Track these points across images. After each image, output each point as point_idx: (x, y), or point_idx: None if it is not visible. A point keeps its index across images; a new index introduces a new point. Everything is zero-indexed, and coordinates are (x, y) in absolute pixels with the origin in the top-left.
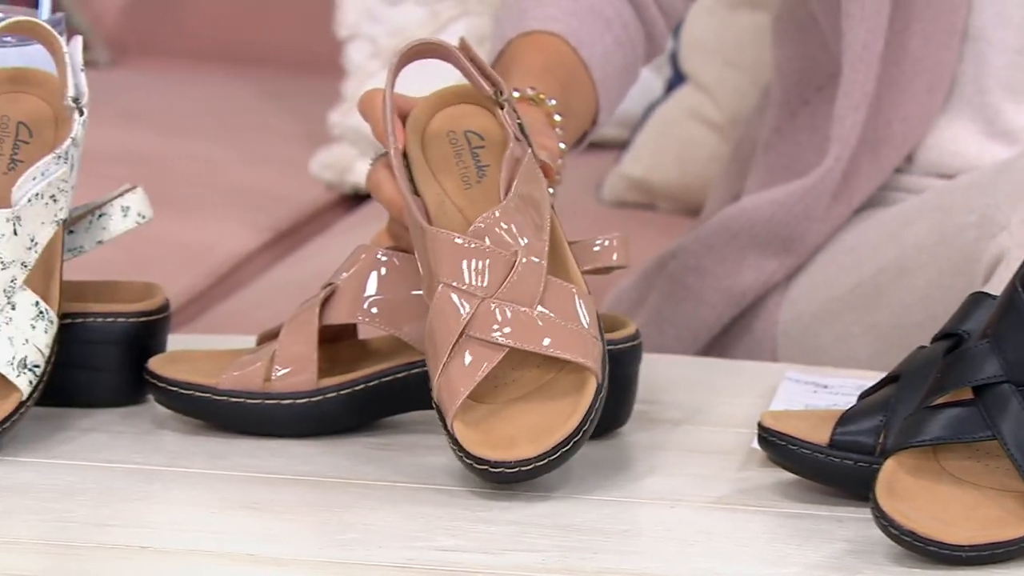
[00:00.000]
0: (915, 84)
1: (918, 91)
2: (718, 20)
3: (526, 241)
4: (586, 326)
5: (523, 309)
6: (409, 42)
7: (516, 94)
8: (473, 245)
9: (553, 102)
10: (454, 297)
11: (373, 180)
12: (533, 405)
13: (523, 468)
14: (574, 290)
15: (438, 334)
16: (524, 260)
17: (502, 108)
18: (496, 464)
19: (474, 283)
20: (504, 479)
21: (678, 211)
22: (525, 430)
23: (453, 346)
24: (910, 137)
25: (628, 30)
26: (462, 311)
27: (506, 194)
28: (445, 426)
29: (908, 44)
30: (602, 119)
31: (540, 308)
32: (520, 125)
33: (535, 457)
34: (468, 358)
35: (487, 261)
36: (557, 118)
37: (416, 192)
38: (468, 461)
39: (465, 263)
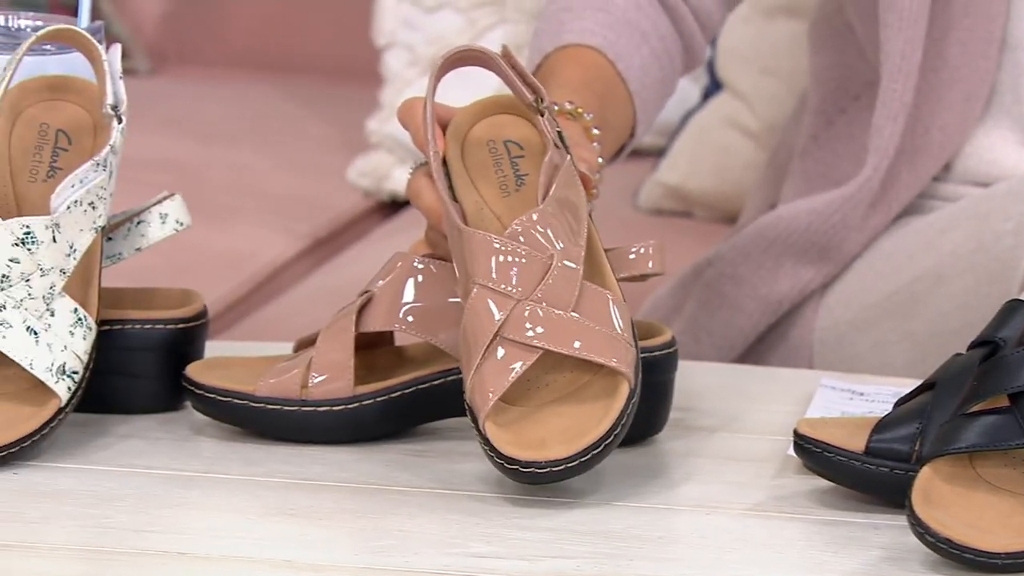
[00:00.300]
0: (953, 93)
1: (956, 100)
2: (754, 28)
3: (562, 246)
4: (620, 331)
5: (557, 312)
6: (451, 49)
7: (555, 108)
8: (509, 247)
9: (590, 116)
10: (489, 298)
11: (413, 188)
12: (565, 408)
13: (554, 469)
14: (609, 296)
15: (472, 334)
16: (560, 264)
17: (542, 115)
18: (527, 464)
19: (509, 284)
20: (535, 479)
21: (714, 219)
22: (557, 432)
23: (487, 347)
24: (948, 146)
25: (665, 42)
26: (496, 312)
27: (544, 199)
28: (477, 426)
29: (946, 53)
30: (639, 132)
31: (574, 312)
32: (560, 133)
33: (565, 458)
34: (501, 359)
35: (523, 263)
36: (595, 132)
37: (455, 199)
38: (499, 461)
39: (501, 264)
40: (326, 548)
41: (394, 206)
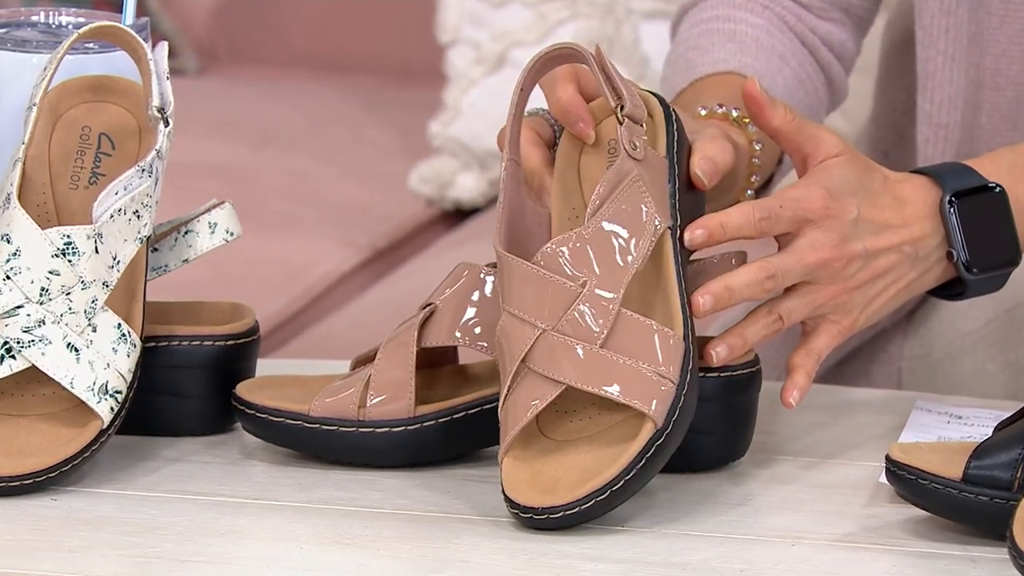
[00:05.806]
0: (1020, 111)
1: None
2: None
3: (600, 271)
4: (659, 365)
5: (582, 345)
6: (545, 48)
7: (720, 110)
8: (537, 273)
9: (754, 129)
10: (516, 326)
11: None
12: (587, 446)
13: (551, 516)
14: (654, 326)
15: (502, 362)
16: (590, 292)
17: (621, 123)
18: (526, 509)
19: (534, 314)
20: (533, 524)
21: None
22: (577, 472)
23: (513, 375)
24: None
25: (805, 69)
26: (523, 341)
27: (592, 216)
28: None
29: (1007, 71)
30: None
31: (603, 346)
32: (635, 143)
33: (564, 505)
34: (526, 391)
35: (548, 291)
36: (757, 147)
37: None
38: (506, 500)
39: (528, 292)
40: None
41: (458, 215)
